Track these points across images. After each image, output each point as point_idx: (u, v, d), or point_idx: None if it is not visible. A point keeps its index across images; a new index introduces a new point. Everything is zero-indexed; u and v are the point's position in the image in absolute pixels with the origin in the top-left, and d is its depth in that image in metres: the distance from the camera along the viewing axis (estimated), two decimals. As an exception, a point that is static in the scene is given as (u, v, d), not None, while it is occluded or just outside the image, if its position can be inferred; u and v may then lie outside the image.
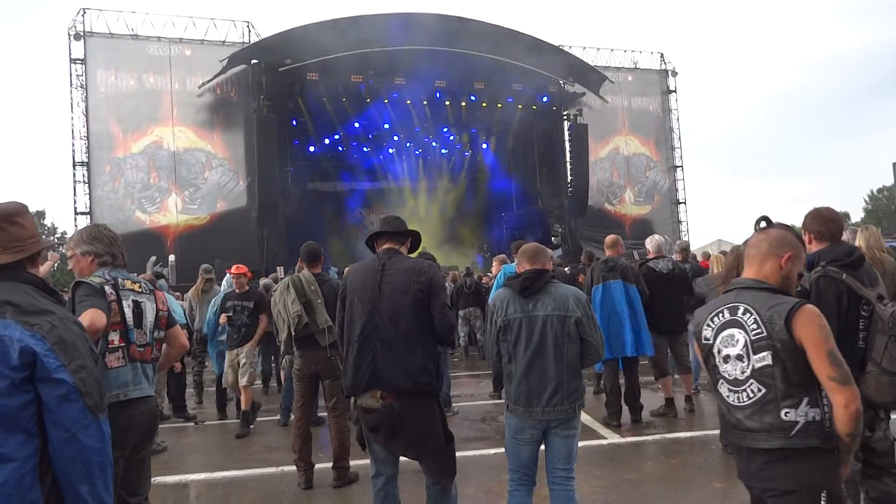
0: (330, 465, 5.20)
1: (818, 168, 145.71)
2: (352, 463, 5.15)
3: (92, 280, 3.08)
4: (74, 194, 19.74)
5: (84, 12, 19.89)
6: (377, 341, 3.39)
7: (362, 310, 3.46)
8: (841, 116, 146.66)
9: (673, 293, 7.08)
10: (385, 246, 3.65)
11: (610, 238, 7.12)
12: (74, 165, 19.77)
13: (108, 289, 3.07)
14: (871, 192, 54.60)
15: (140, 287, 3.28)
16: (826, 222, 3.37)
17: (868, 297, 3.03)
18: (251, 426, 7.06)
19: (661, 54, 27.17)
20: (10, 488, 1.71)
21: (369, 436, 3.52)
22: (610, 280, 6.65)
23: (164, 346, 3.45)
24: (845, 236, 5.08)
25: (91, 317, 2.82)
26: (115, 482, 2.79)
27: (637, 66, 26.62)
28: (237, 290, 7.24)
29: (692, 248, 14.83)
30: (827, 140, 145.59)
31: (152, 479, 4.00)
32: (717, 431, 5.78)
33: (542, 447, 3.46)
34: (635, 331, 6.59)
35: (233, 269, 7.42)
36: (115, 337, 3.07)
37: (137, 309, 3.19)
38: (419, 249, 4.67)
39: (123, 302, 3.12)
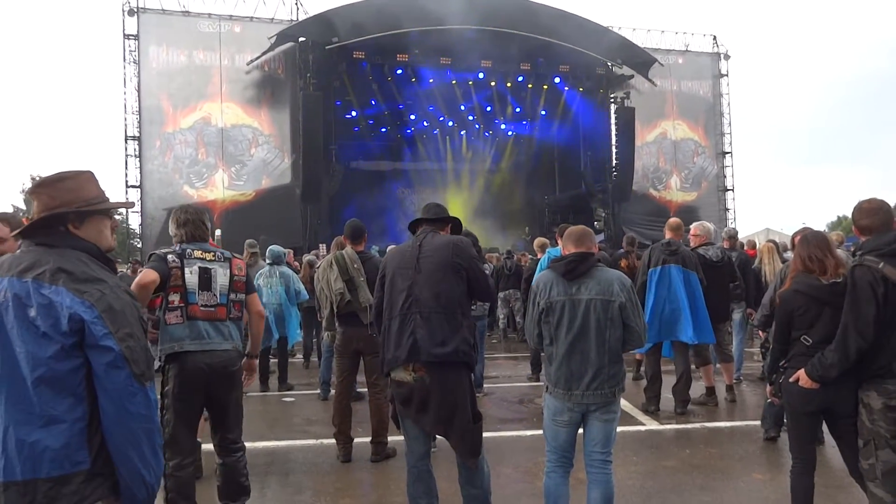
0: (368, 439, 5.29)
1: (878, 157, 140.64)
2: (390, 439, 5.23)
3: (160, 251, 3.73)
4: (126, 168, 20.14)
5: (138, -11, 20.24)
6: (417, 314, 3.45)
7: (402, 284, 3.55)
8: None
9: (719, 281, 6.94)
10: (426, 225, 3.77)
11: (673, 221, 6.98)
12: (126, 139, 20.18)
13: (171, 257, 3.64)
14: (931, 183, 52.53)
15: (213, 256, 3.77)
16: (870, 214, 3.29)
17: None
18: None
19: (714, 36, 26.41)
20: (58, 448, 1.78)
21: (401, 411, 3.59)
22: (671, 264, 6.43)
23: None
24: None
25: (142, 274, 3.52)
26: (189, 428, 3.63)
27: (688, 49, 25.92)
28: None
29: (739, 236, 14.50)
30: (890, 127, 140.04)
31: (201, 446, 4.17)
32: (759, 422, 5.71)
33: (581, 430, 3.46)
34: (695, 318, 6.37)
35: None
36: (175, 298, 3.61)
37: (206, 274, 3.69)
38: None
39: (186, 269, 3.64)
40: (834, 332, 3.22)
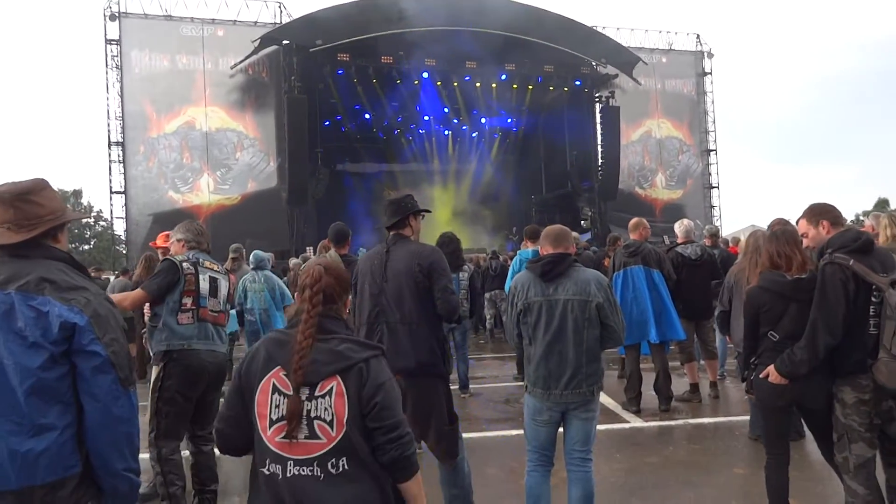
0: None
1: (859, 154, 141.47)
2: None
3: (176, 258, 4.07)
4: (110, 174, 20.06)
5: (119, -7, 20.14)
6: (383, 324, 3.52)
7: (370, 293, 3.59)
8: (889, 100, 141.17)
9: (701, 279, 6.99)
10: (392, 232, 3.75)
11: (633, 221, 6.99)
12: (110, 145, 20.05)
13: (186, 265, 4.02)
14: (913, 177, 53.04)
15: (218, 268, 4.27)
16: (821, 212, 3.45)
17: (877, 282, 3.01)
18: None
19: (698, 35, 26.62)
20: (51, 455, 1.83)
21: None
22: (631, 265, 6.49)
23: None
24: (868, 222, 5.02)
25: (135, 295, 4.03)
26: (185, 420, 4.04)
27: (672, 48, 26.11)
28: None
29: (724, 233, 14.61)
30: (871, 125, 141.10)
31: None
32: (742, 418, 5.77)
33: (561, 429, 3.48)
34: (660, 316, 6.45)
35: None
36: (188, 301, 3.99)
37: (214, 284, 4.15)
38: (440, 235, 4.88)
39: (200, 276, 4.05)
40: (799, 327, 3.25)
